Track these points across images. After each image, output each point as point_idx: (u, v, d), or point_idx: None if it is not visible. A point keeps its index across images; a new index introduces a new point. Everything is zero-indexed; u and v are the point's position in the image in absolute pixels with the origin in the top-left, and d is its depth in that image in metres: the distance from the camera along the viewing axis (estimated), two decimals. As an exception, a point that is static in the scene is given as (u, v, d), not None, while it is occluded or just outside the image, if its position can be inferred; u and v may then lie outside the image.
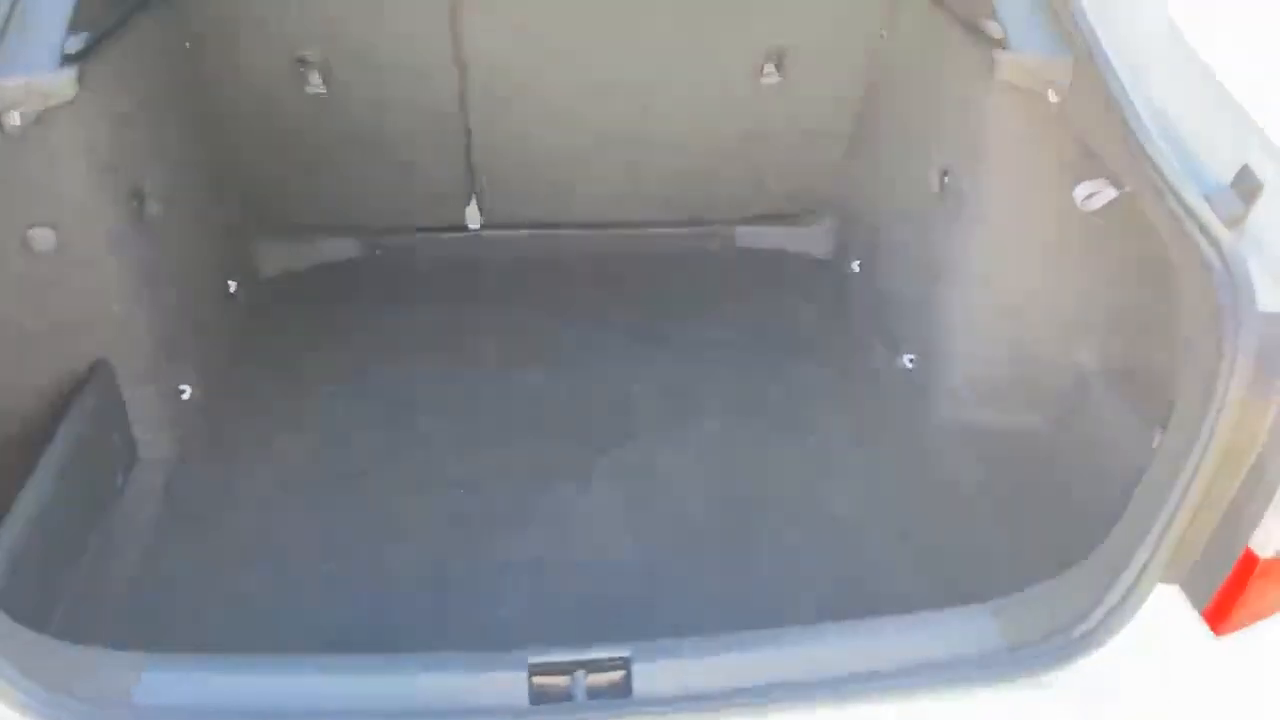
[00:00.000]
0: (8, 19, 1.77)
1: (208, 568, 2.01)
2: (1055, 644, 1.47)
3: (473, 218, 3.02)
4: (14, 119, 1.77)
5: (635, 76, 2.70)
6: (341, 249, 3.00)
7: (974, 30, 2.11)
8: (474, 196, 2.96)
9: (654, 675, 1.47)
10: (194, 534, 2.09)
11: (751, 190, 3.02)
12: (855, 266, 2.85)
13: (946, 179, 2.28)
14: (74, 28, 1.82)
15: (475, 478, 2.25)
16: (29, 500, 1.77)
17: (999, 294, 2.24)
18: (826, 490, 2.25)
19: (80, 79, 1.83)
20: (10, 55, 1.76)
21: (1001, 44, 1.99)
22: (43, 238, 1.95)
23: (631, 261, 3.04)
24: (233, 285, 2.72)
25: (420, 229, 3.02)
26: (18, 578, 1.64)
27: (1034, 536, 2.07)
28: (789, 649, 1.52)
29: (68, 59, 1.82)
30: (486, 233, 3.03)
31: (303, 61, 2.57)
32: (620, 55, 2.68)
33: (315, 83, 2.61)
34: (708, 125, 2.85)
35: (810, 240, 3.06)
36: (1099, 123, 1.80)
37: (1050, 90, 1.93)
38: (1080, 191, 1.86)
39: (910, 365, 2.48)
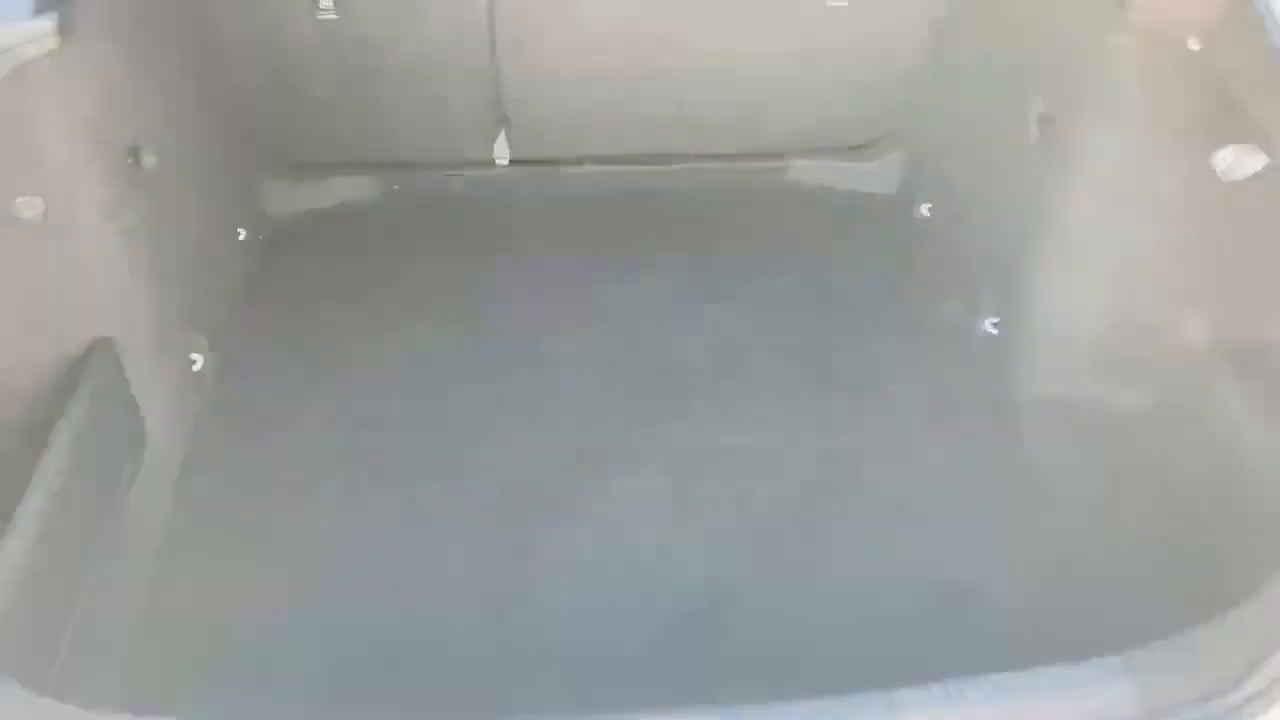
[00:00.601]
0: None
1: (223, 586, 1.82)
2: (1199, 714, 1.29)
3: (501, 152, 2.74)
4: None
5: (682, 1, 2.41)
6: (357, 188, 2.74)
7: None
8: (502, 129, 2.69)
9: None
10: (208, 540, 1.90)
11: (808, 119, 2.74)
12: (925, 210, 2.59)
13: (1048, 127, 2.00)
14: None
15: (510, 462, 2.06)
16: (26, 519, 1.57)
17: (1103, 256, 2.00)
18: (903, 477, 2.05)
19: (60, 26, 1.56)
20: None
21: None
22: (29, 206, 1.70)
23: (674, 200, 2.78)
24: (242, 233, 2.48)
25: (443, 165, 2.75)
26: (16, 618, 1.46)
27: (1137, 533, 1.89)
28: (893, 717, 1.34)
29: (45, 4, 1.55)
30: (516, 168, 2.76)
31: None
32: None
33: (325, 5, 2.32)
34: (762, 48, 2.56)
35: (872, 177, 2.79)
36: (1253, 77, 1.53)
37: (1192, 36, 1.66)
38: (1224, 159, 1.61)
39: (994, 330, 2.25)
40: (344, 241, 2.63)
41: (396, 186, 2.77)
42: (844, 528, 1.95)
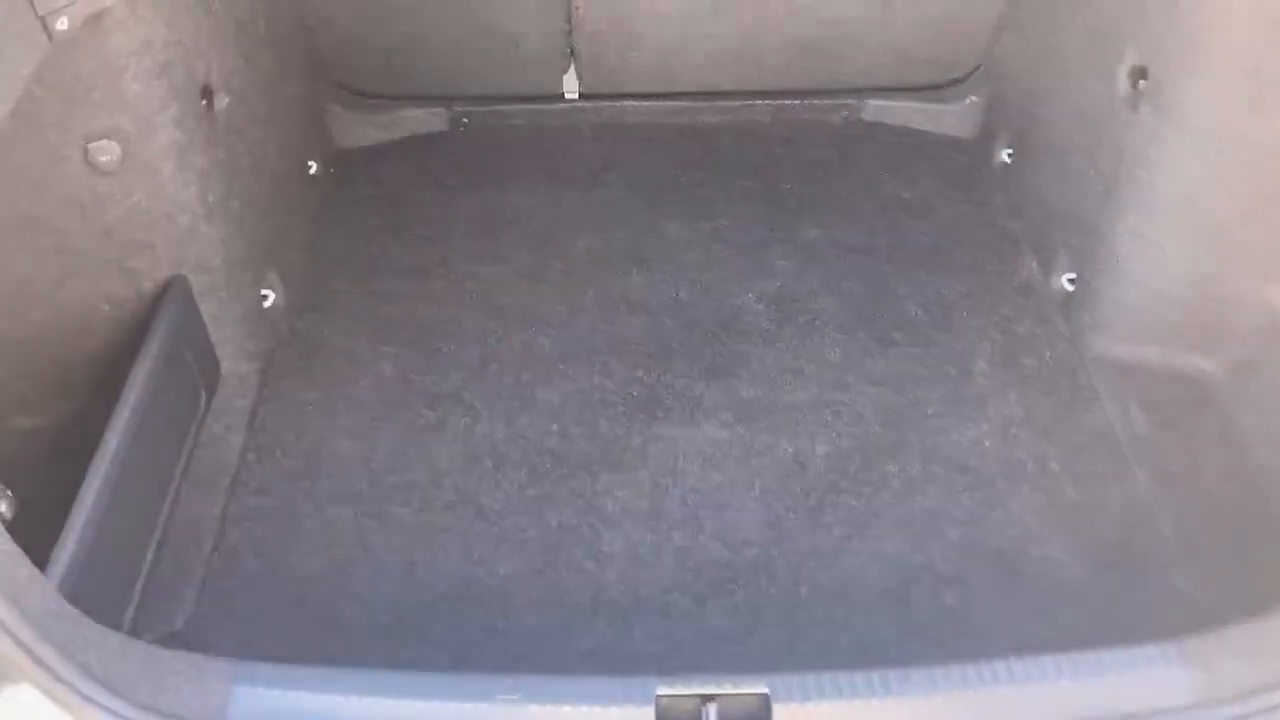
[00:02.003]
0: (45, -92, 1.49)
1: (291, 522, 1.89)
2: (1259, 705, 1.28)
3: (570, 86, 2.70)
4: (62, 23, 1.53)
5: None
6: (426, 120, 2.73)
7: None
8: (571, 63, 2.65)
9: (794, 716, 1.31)
10: (280, 477, 1.96)
11: (885, 57, 2.64)
12: (1005, 156, 2.50)
13: (1144, 81, 1.91)
14: None
15: (569, 406, 2.07)
16: (107, 449, 1.63)
17: (1192, 216, 1.92)
18: (966, 434, 2.02)
19: None
20: None
21: None
22: (105, 150, 1.73)
23: (745, 137, 2.73)
24: (313, 166, 2.50)
25: (512, 98, 2.73)
26: (100, 552, 1.53)
27: (1204, 505, 1.85)
28: (942, 693, 1.34)
29: None
30: (585, 103, 2.73)
31: None
32: None
33: None
34: None
35: (951, 118, 2.70)
36: None
37: None
38: None
39: (1070, 287, 2.18)
40: (411, 173, 2.64)
41: (465, 119, 2.76)
42: (901, 487, 1.94)
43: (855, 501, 1.91)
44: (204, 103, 1.89)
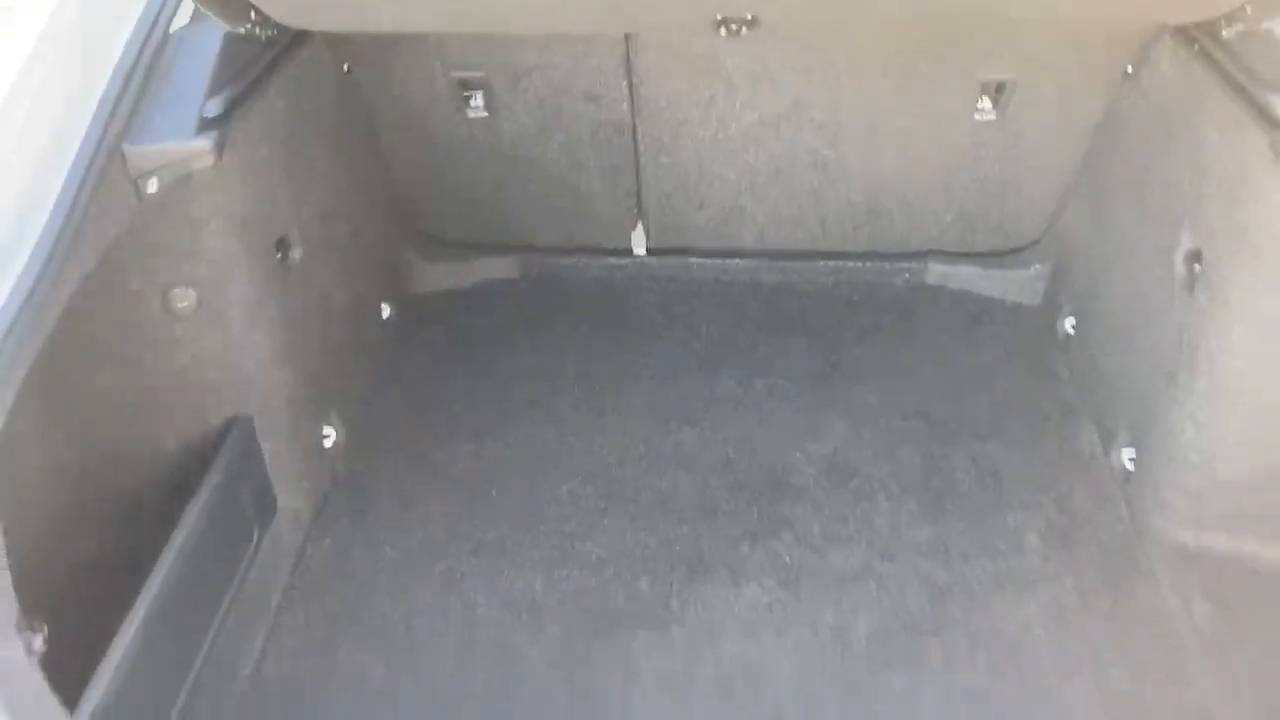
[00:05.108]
0: (144, 84, 1.65)
1: (327, 663, 1.91)
2: None
3: (638, 242, 2.80)
4: (152, 186, 1.67)
5: (826, 103, 2.40)
6: (499, 269, 2.84)
7: (1252, 102, 1.71)
8: (640, 220, 2.74)
9: None
10: (321, 618, 2.00)
11: (950, 225, 2.67)
12: (1069, 326, 2.47)
13: (1199, 266, 1.89)
14: (213, 91, 1.69)
15: (610, 561, 2.07)
16: (162, 569, 1.69)
17: (1251, 404, 1.87)
18: (1016, 615, 1.95)
19: (219, 144, 1.70)
20: (148, 121, 1.66)
21: None
22: (182, 297, 1.86)
23: (805, 297, 2.76)
24: (386, 311, 2.61)
25: (581, 251, 2.83)
26: (129, 693, 1.57)
27: (1263, 701, 1.74)
28: None
29: (206, 124, 1.69)
30: (652, 259, 2.81)
31: (464, 84, 2.39)
32: (810, 81, 2.38)
33: (477, 105, 2.44)
34: (906, 158, 2.52)
35: (1016, 286, 2.69)
36: None
37: None
38: None
39: (1130, 465, 2.12)
40: (480, 320, 2.73)
41: (537, 274, 2.86)
42: (944, 667, 1.87)
43: (895, 679, 1.85)
44: (279, 255, 2.01)
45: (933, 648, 1.90)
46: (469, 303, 2.79)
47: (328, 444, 2.25)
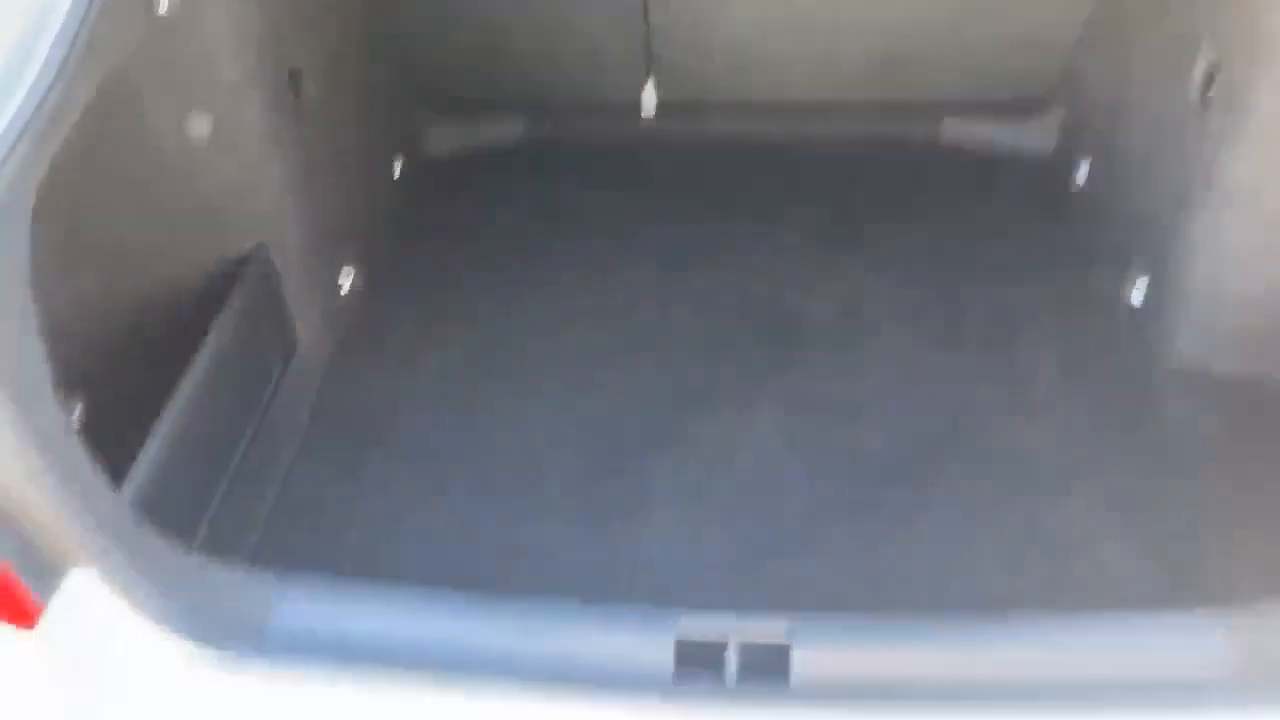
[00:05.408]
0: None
1: (353, 481, 1.97)
2: None
3: (649, 95, 2.78)
4: (162, 5, 1.66)
5: None
6: (509, 128, 2.83)
7: None
8: (650, 72, 2.73)
9: (815, 660, 1.30)
10: (346, 443, 2.05)
11: (964, 74, 2.65)
12: (1083, 173, 2.46)
13: (1214, 76, 1.87)
14: None
15: (627, 394, 2.11)
16: (184, 396, 1.73)
17: (1263, 214, 1.86)
18: (1025, 436, 1.98)
19: None
20: None
21: None
22: (198, 124, 1.86)
23: (819, 149, 2.75)
24: (397, 166, 2.62)
25: (593, 106, 2.81)
26: (169, 481, 1.62)
27: (1272, 515, 1.77)
28: (963, 643, 1.32)
29: None
30: (662, 111, 2.79)
31: None
32: None
33: None
34: (920, 4, 2.49)
35: (1030, 136, 2.67)
36: None
37: None
38: None
39: (1141, 294, 2.13)
40: (495, 175, 2.73)
41: (548, 128, 2.85)
42: (954, 480, 1.91)
43: (905, 491, 1.89)
44: (293, 85, 2.01)
45: (942, 465, 1.94)
46: (479, 165, 2.79)
47: (344, 288, 2.28)
